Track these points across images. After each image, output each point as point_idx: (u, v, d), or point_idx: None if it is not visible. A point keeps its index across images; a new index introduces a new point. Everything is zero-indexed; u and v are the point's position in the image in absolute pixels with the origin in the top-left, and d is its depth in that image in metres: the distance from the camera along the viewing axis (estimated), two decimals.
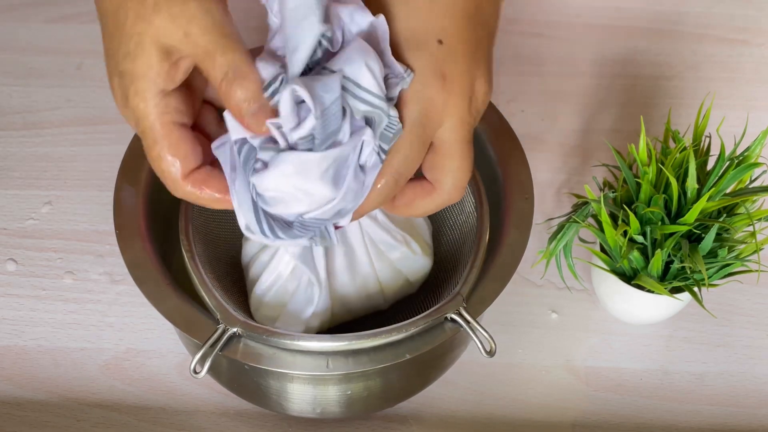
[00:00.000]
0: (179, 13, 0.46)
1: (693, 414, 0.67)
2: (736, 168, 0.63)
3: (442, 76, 0.49)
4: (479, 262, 0.60)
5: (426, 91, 0.49)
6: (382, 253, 0.62)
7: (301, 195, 0.50)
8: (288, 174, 0.49)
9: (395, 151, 0.50)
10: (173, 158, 0.48)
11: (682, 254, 0.61)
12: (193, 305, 0.59)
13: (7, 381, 0.67)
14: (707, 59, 0.88)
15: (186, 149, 0.48)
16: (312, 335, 0.56)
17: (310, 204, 0.50)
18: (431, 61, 0.49)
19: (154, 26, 0.46)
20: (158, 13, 0.46)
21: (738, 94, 0.85)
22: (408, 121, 0.49)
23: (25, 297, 0.71)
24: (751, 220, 0.62)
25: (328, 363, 0.56)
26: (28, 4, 0.89)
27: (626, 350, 0.70)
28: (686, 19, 0.91)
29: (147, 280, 0.60)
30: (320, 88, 0.48)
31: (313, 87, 0.48)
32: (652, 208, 0.62)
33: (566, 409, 0.67)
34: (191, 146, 0.49)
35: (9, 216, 0.75)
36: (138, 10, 0.46)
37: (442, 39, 0.50)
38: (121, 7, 0.47)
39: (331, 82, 0.49)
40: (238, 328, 0.56)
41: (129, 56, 0.47)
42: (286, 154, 0.49)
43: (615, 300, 0.68)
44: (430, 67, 0.49)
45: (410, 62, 0.49)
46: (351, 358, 0.56)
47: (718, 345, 0.70)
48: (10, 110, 0.81)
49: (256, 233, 0.51)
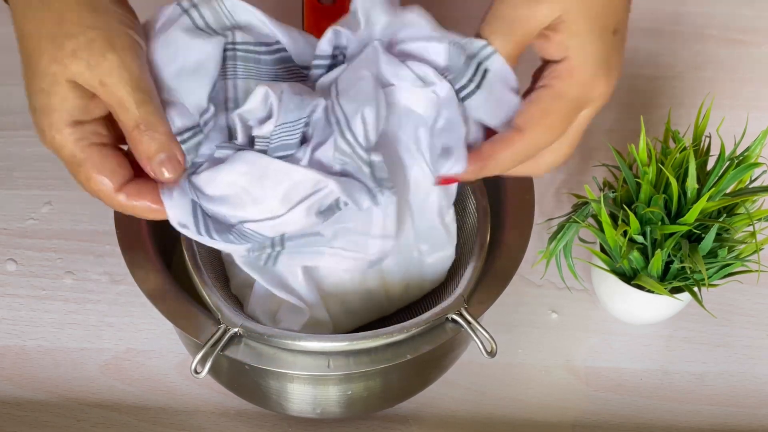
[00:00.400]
0: (97, 64, 0.47)
1: (693, 414, 0.67)
2: (736, 168, 0.63)
3: (608, 65, 0.51)
4: (480, 262, 0.60)
5: (592, 79, 0.51)
6: (423, 254, 0.62)
7: (247, 199, 0.51)
8: (241, 172, 0.50)
9: (540, 118, 0.51)
10: (100, 176, 0.49)
11: (682, 254, 0.61)
12: (193, 305, 0.59)
13: (7, 381, 0.67)
14: (707, 59, 0.88)
15: (112, 165, 0.50)
16: (313, 335, 0.56)
17: (254, 213, 0.51)
18: (604, 50, 0.51)
19: (69, 70, 0.47)
20: (75, 60, 0.47)
21: (738, 94, 0.85)
22: (565, 97, 0.51)
23: (25, 297, 0.71)
24: (751, 220, 0.62)
25: (329, 363, 0.56)
26: None
27: (626, 350, 0.70)
28: (686, 19, 0.91)
29: (147, 280, 0.60)
30: (294, 102, 0.51)
31: (289, 99, 0.50)
32: (652, 208, 0.62)
33: (566, 409, 0.67)
34: (117, 161, 0.50)
35: (9, 216, 0.75)
36: (54, 53, 0.48)
37: (618, 29, 0.52)
38: (36, 49, 0.49)
39: (307, 104, 0.51)
40: (239, 328, 0.56)
41: (43, 92, 0.49)
42: (244, 153, 0.51)
43: (615, 300, 0.68)
44: (603, 55, 0.51)
45: (583, 47, 0.51)
46: (352, 358, 0.56)
47: (718, 345, 0.70)
48: (10, 110, 0.81)
49: (190, 229, 0.51)
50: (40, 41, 0.48)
